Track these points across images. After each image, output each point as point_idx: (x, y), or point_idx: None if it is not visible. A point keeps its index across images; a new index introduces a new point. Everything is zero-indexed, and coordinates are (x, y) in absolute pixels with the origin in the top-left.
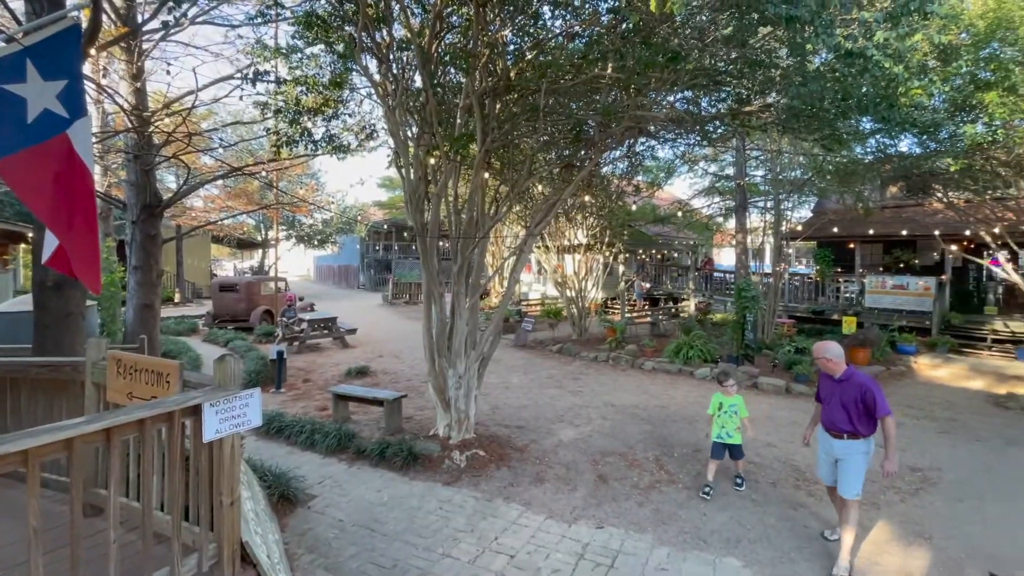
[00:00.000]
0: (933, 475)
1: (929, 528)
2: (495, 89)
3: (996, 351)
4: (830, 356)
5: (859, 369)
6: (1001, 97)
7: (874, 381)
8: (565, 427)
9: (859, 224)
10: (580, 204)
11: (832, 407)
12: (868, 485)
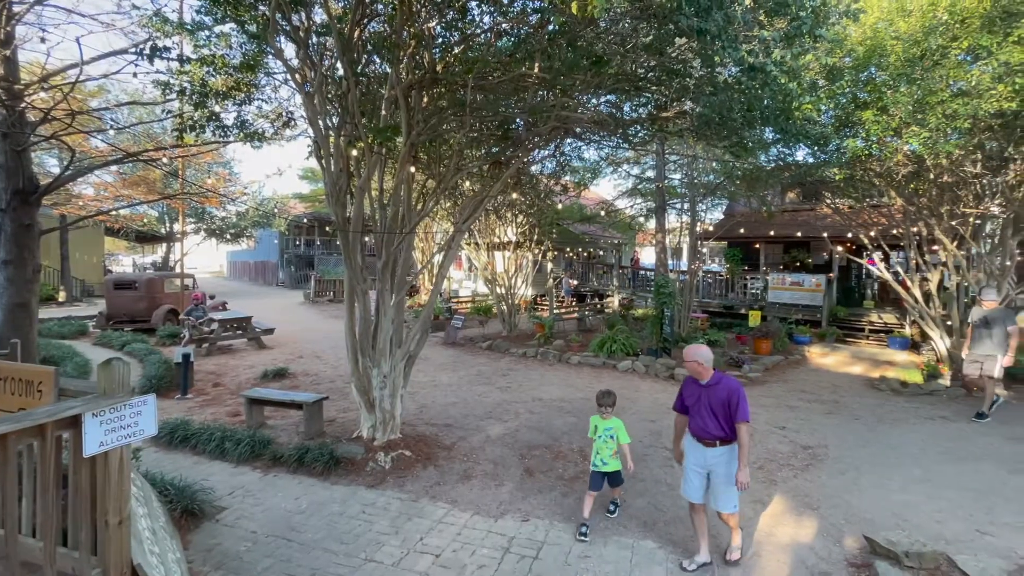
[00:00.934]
0: (821, 452)
1: (817, 499)
2: (421, 82)
3: (872, 340)
4: (702, 360)
5: (759, 359)
6: (876, 116)
7: (740, 385)
8: (493, 423)
9: (763, 226)
10: (510, 202)
11: (702, 414)
12: (768, 464)
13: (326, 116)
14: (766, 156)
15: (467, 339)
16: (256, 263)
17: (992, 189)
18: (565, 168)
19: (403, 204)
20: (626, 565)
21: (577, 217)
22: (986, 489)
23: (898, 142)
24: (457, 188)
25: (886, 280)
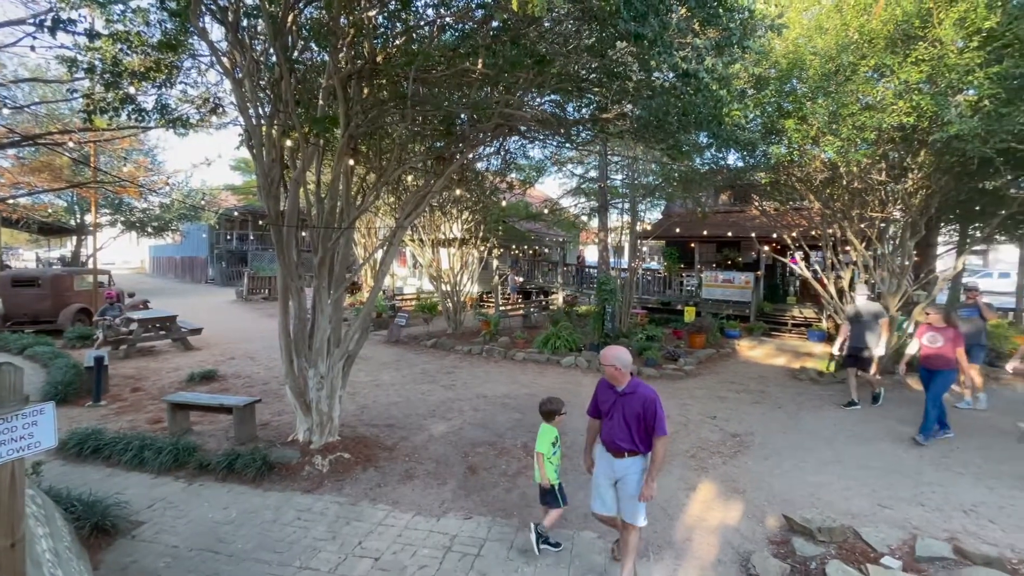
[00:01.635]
0: (748, 439)
1: (743, 484)
2: (361, 72)
3: (794, 333)
4: (619, 364)
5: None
6: (797, 125)
7: (657, 396)
8: (437, 421)
9: (698, 226)
10: (455, 198)
11: (614, 422)
12: (699, 452)
13: (258, 104)
14: (701, 159)
15: (411, 337)
16: (183, 259)
17: (894, 195)
18: (510, 165)
19: (341, 198)
20: (566, 556)
21: (523, 215)
22: (886, 467)
23: (816, 150)
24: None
25: (806, 278)
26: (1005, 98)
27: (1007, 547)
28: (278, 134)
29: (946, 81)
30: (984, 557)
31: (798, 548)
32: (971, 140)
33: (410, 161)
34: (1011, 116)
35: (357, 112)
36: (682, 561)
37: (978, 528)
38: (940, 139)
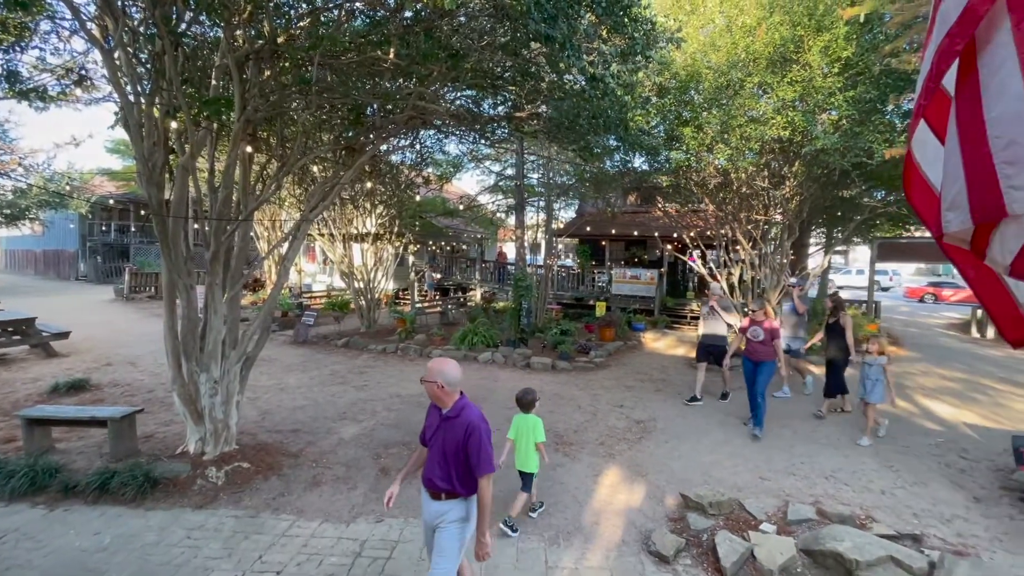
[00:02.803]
0: (651, 425)
1: (646, 467)
2: (260, 52)
3: (693, 325)
4: (443, 381)
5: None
6: (694, 133)
7: (485, 422)
8: (347, 424)
9: (608, 225)
10: (368, 191)
11: (434, 453)
12: (607, 439)
13: (136, 80)
14: (611, 161)
15: (320, 337)
16: (46, 252)
17: (775, 201)
18: (427, 160)
19: (238, 187)
20: None
21: (440, 210)
22: (766, 444)
23: (710, 156)
24: (306, 173)
25: (703, 274)
26: (858, 119)
27: (857, 506)
28: (161, 114)
29: (814, 101)
30: (840, 516)
31: (692, 523)
32: (833, 154)
33: (316, 150)
34: (863, 135)
35: (255, 95)
36: (590, 544)
37: (836, 491)
38: (810, 152)
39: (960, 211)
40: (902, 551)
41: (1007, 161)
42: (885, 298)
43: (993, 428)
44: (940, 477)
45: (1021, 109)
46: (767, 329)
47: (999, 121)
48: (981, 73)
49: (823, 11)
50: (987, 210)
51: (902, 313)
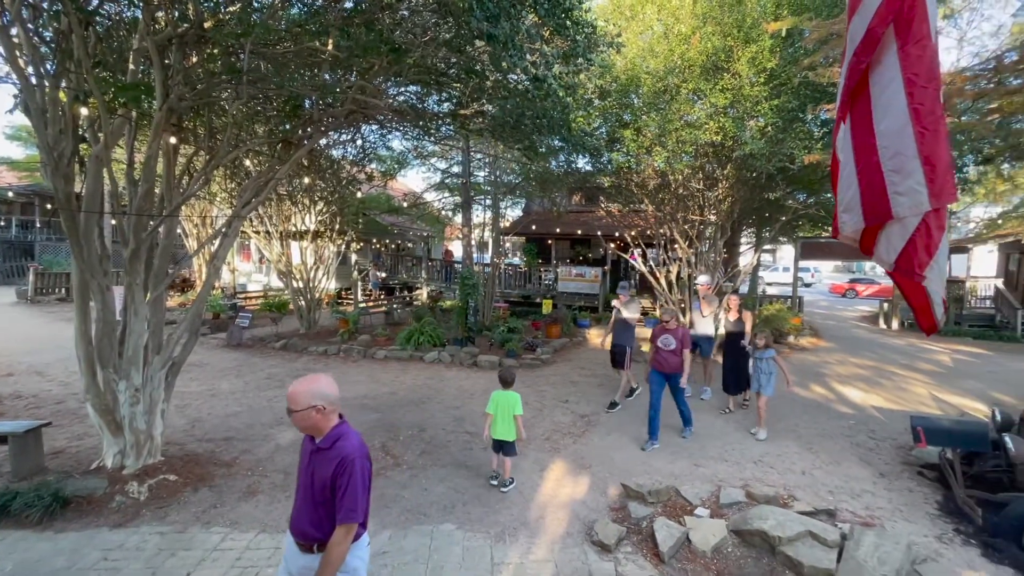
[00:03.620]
0: (594, 419)
1: (590, 460)
2: (184, 37)
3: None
4: (323, 403)
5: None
6: (633, 136)
7: (365, 457)
8: (284, 429)
9: (554, 224)
10: (306, 187)
11: (302, 494)
12: (553, 434)
13: (39, 60)
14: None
15: (256, 339)
16: None
17: (709, 202)
18: (369, 155)
19: (161, 181)
20: (425, 552)
21: (385, 207)
22: (702, 432)
23: (649, 158)
24: (239, 167)
25: (644, 272)
26: (782, 126)
27: (781, 487)
28: (69, 99)
29: (743, 108)
30: (766, 497)
31: (633, 511)
32: (760, 159)
33: (249, 143)
34: (786, 141)
35: (179, 83)
36: (535, 538)
37: (763, 474)
38: (739, 156)
39: (854, 213)
40: (818, 526)
41: (893, 169)
42: (808, 293)
43: (896, 410)
44: (852, 456)
45: (904, 124)
46: (677, 336)
47: (886, 134)
48: (872, 90)
49: (751, 24)
50: (876, 213)
51: (821, 307)
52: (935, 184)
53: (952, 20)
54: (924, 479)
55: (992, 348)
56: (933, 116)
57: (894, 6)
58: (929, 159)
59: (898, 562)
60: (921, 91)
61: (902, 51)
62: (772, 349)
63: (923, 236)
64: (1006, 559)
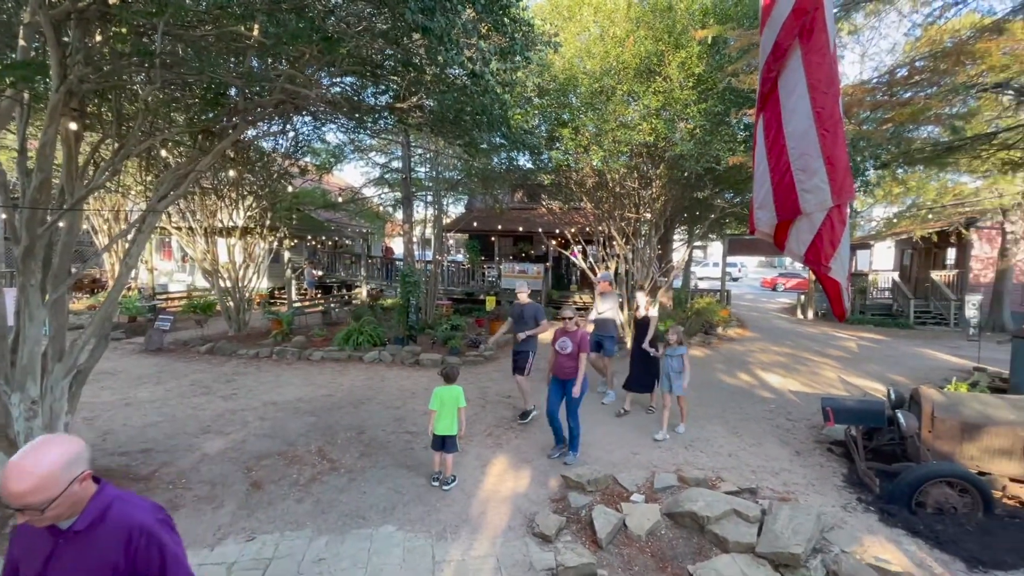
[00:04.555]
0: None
1: (531, 454)
2: (85, 13)
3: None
4: (78, 471)
5: None
6: (571, 135)
7: (160, 517)
8: (212, 438)
9: (497, 221)
10: (235, 180)
11: None
12: (495, 429)
13: None
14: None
15: (180, 343)
16: None
17: (644, 200)
18: (302, 148)
19: (61, 171)
20: (364, 556)
21: (320, 203)
22: (637, 423)
23: (587, 157)
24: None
25: (584, 268)
26: (709, 129)
27: (710, 469)
28: None
29: (674, 111)
30: (696, 479)
31: (572, 501)
32: (689, 159)
33: (165, 132)
34: (712, 143)
35: (79, 63)
36: (477, 534)
37: (694, 458)
38: (671, 156)
39: (767, 210)
40: (742, 503)
41: (800, 168)
42: (735, 287)
43: (810, 393)
44: (772, 437)
45: (809, 126)
46: (575, 340)
47: (794, 135)
48: (781, 93)
49: (680, 30)
50: (787, 209)
51: (747, 300)
52: (836, 182)
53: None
54: (833, 455)
55: (890, 334)
56: (833, 120)
57: (798, 21)
58: (830, 159)
59: (809, 532)
60: (822, 96)
61: (806, 58)
62: (684, 346)
63: (828, 230)
64: (899, 522)
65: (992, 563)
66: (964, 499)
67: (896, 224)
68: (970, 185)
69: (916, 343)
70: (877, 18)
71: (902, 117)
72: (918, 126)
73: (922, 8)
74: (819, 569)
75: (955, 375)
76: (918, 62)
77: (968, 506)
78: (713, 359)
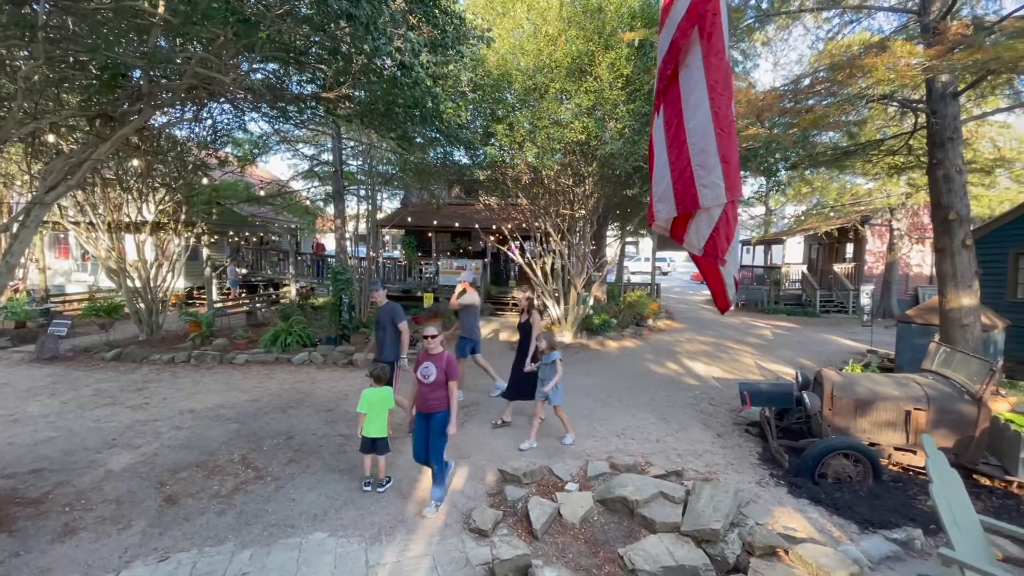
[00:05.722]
0: (473, 409)
1: (469, 450)
2: None
3: (514, 311)
4: None
5: None
6: (506, 131)
7: None
8: (118, 452)
9: (434, 216)
10: (143, 171)
11: None
12: None
13: None
14: (434, 153)
15: (80, 350)
16: None
17: (577, 197)
18: (221, 137)
19: None
20: (292, 565)
21: (244, 196)
22: (572, 413)
23: (522, 154)
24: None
25: (522, 264)
26: (637, 129)
27: (639, 455)
28: None
29: (604, 110)
30: (626, 466)
31: (508, 494)
32: (619, 158)
33: (55, 115)
34: (640, 143)
35: None
36: (413, 534)
37: (625, 446)
38: (602, 155)
39: (667, 203)
40: (668, 486)
41: (700, 164)
42: (665, 281)
43: (730, 379)
44: (696, 422)
45: (707, 124)
46: (440, 365)
47: (695, 132)
48: (682, 90)
49: (610, 32)
50: (686, 203)
51: (676, 293)
52: (730, 179)
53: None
54: (750, 435)
55: (800, 322)
56: (727, 120)
57: (691, 22)
58: (725, 157)
59: (728, 508)
60: (719, 97)
61: (706, 60)
62: (557, 351)
63: (724, 225)
64: (804, 492)
65: (879, 523)
66: (858, 468)
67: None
68: (864, 186)
69: (822, 330)
70: (787, 31)
71: (806, 123)
72: (820, 131)
73: (824, 24)
74: (736, 542)
75: (852, 357)
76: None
77: (861, 474)
78: (644, 350)
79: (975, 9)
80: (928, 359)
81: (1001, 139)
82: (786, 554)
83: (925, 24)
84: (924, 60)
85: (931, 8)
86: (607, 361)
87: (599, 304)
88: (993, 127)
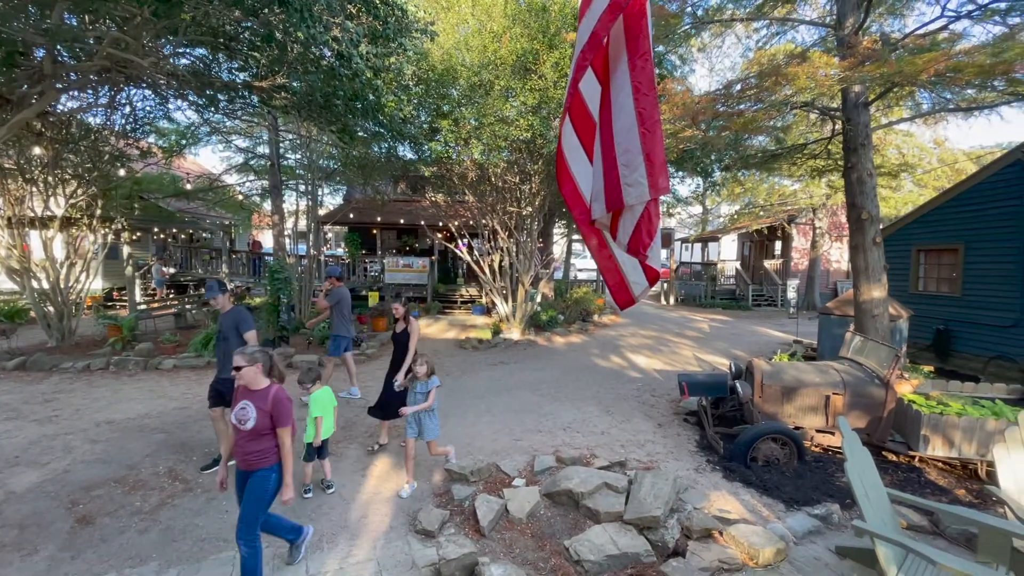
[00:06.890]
0: None
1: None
2: None
3: (463, 309)
4: None
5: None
6: (451, 127)
7: None
8: (22, 471)
9: (379, 213)
10: (49, 160)
11: None
12: (376, 429)
13: None
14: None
15: None
16: None
17: (524, 195)
18: (142, 126)
19: None
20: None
21: (170, 191)
22: (521, 408)
23: (467, 150)
24: None
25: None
26: None
27: (585, 448)
28: None
29: (549, 109)
30: (572, 459)
31: (456, 493)
32: None
33: None
34: None
35: None
36: (357, 539)
37: (571, 439)
38: (548, 153)
39: (600, 202)
40: (611, 476)
41: (625, 163)
42: None
43: (670, 370)
44: (639, 413)
45: (632, 125)
46: (269, 406)
47: (621, 132)
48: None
49: (554, 31)
50: (614, 201)
51: None
52: (653, 177)
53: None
54: (688, 424)
55: (734, 316)
56: (652, 120)
57: (615, 13)
58: (649, 156)
59: (667, 495)
60: (644, 97)
61: (631, 62)
62: (436, 379)
63: (646, 222)
64: (738, 476)
65: (803, 501)
66: (785, 451)
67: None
68: (791, 187)
69: (754, 322)
70: (721, 38)
71: (737, 126)
72: (750, 135)
73: (753, 34)
74: (675, 527)
75: (780, 348)
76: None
77: (787, 456)
78: (589, 344)
79: (883, 26)
80: (844, 347)
81: (905, 147)
82: (721, 535)
83: (840, 38)
84: (839, 71)
85: (845, 23)
86: (554, 356)
87: (547, 301)
88: (899, 135)
